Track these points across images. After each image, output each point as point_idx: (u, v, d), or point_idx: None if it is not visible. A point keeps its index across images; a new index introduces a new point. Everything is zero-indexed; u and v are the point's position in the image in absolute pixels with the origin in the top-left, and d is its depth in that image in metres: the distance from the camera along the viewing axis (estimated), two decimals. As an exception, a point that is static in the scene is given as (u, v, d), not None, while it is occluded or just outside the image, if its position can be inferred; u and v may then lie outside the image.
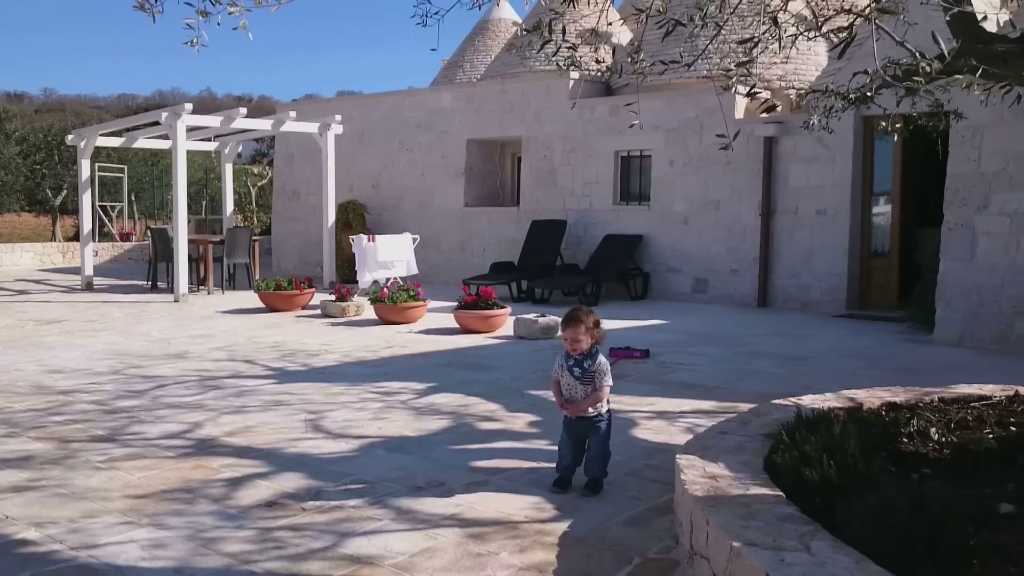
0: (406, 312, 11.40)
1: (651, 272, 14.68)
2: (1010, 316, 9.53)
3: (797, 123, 13.19)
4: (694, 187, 14.25)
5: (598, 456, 4.86)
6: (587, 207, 15.47)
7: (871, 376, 8.06)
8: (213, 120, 14.86)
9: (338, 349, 9.66)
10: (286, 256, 19.92)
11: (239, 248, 15.43)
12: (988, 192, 9.69)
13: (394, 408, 6.87)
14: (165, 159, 29.21)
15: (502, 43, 21.37)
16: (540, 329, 10.20)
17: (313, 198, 18.75)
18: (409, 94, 18.50)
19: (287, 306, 12.75)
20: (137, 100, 70.25)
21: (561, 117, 15.74)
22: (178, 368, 8.54)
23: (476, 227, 16.94)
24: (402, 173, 17.97)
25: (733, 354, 9.38)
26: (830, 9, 6.94)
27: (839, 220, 12.89)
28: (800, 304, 13.19)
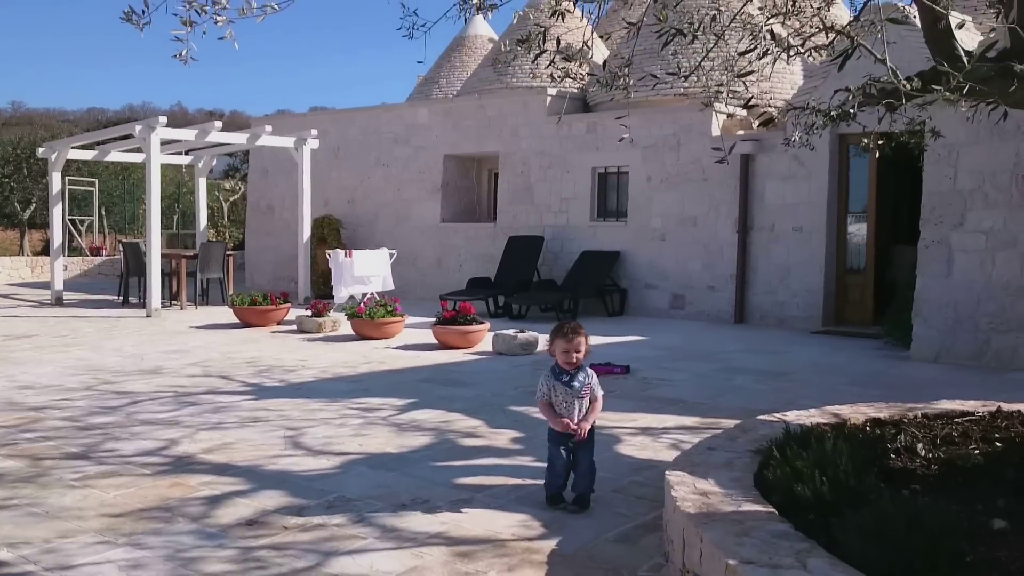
0: (384, 328, 11.30)
1: (628, 288, 14.68)
2: (986, 332, 9.60)
3: (774, 140, 13.29)
4: (671, 203, 14.29)
5: (588, 471, 4.81)
6: (564, 223, 15.46)
7: (851, 392, 8.07)
8: (188, 133, 14.71)
9: (315, 365, 9.55)
10: (260, 271, 19.74)
11: (213, 263, 15.27)
12: (964, 210, 9.77)
13: (375, 424, 6.78)
14: (136, 172, 28.90)
15: (478, 59, 21.37)
16: (519, 345, 10.14)
17: (288, 213, 18.62)
18: (385, 109, 18.44)
19: (262, 321, 12.61)
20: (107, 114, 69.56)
21: (538, 133, 15.74)
22: (152, 384, 8.40)
23: (453, 243, 16.88)
24: (378, 188, 17.88)
25: (713, 370, 9.37)
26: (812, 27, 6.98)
27: (815, 237, 12.96)
28: (777, 320, 13.23)
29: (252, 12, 4.23)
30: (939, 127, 7.11)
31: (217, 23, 4.09)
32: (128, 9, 3.89)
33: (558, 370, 4.81)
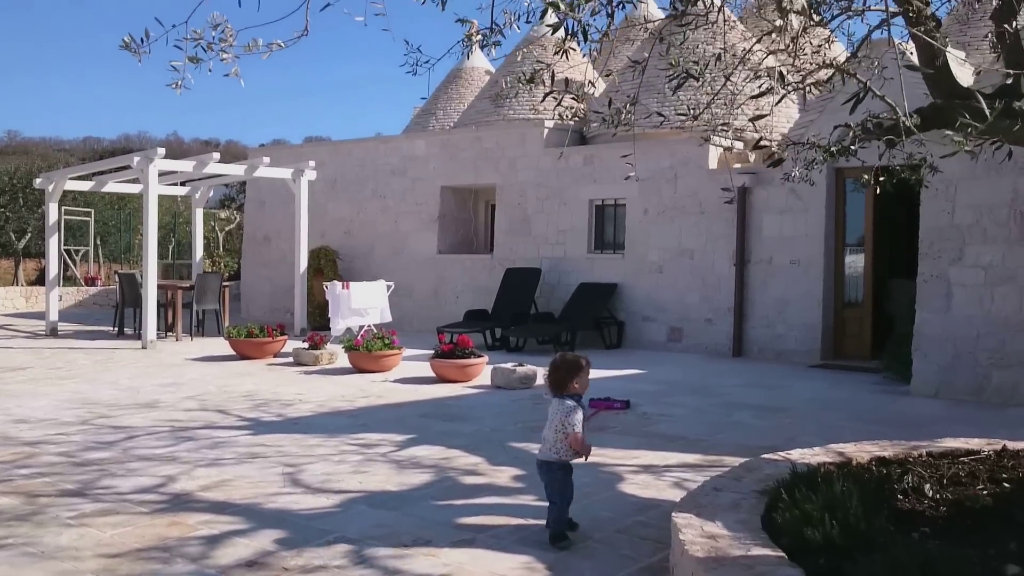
0: (381, 360, 11.24)
1: (626, 321, 14.65)
2: (986, 368, 9.57)
3: (771, 174, 13.30)
4: (668, 236, 14.30)
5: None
6: (561, 255, 15.46)
7: (853, 428, 8.02)
8: (186, 165, 14.71)
9: (313, 399, 9.48)
10: (255, 302, 19.67)
11: (209, 294, 15.22)
12: (962, 244, 9.78)
13: (374, 461, 6.71)
14: (132, 202, 28.84)
15: (475, 91, 21.47)
16: (518, 379, 10.09)
17: (284, 244, 18.58)
18: (383, 140, 18.48)
19: (258, 354, 12.54)
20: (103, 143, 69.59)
21: (536, 165, 15.78)
22: (149, 418, 8.32)
23: (449, 274, 16.86)
24: (375, 219, 17.88)
25: (712, 405, 9.32)
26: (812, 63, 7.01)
27: (813, 270, 12.97)
28: (775, 354, 13.20)
29: (258, 49, 4.23)
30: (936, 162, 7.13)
31: (223, 60, 4.09)
32: (128, 37, 3.88)
33: (579, 400, 4.92)
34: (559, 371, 4.94)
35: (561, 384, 4.90)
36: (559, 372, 4.94)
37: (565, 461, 4.86)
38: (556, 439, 4.84)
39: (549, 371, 5.01)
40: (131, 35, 3.81)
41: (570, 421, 4.80)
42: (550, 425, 4.89)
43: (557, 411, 4.86)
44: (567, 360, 4.99)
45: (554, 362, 5.03)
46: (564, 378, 4.90)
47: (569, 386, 4.88)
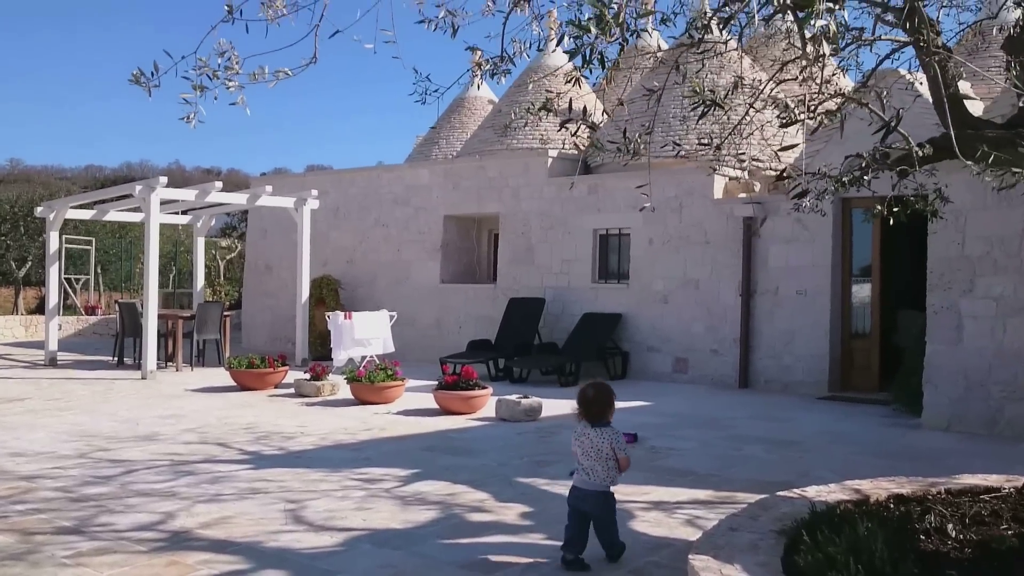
0: (384, 392, 11.09)
1: (630, 351, 14.51)
2: (998, 401, 9.43)
3: (776, 203, 13.24)
4: (673, 266, 14.19)
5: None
6: (565, 285, 15.35)
7: (865, 463, 7.88)
8: (188, 194, 14.65)
9: (315, 431, 9.33)
10: (256, 332, 19.54)
11: (210, 324, 15.09)
12: (973, 276, 9.67)
13: (378, 497, 6.56)
14: (134, 231, 28.78)
15: (478, 120, 21.45)
16: (523, 411, 9.94)
17: (286, 273, 18.47)
18: (386, 169, 18.44)
19: (260, 385, 12.39)
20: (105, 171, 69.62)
21: (539, 194, 15.71)
22: (148, 451, 8.17)
23: (452, 304, 16.74)
24: (377, 248, 17.80)
25: (720, 438, 9.16)
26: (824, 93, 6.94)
27: (820, 301, 12.84)
28: (782, 385, 13.04)
29: (264, 77, 4.14)
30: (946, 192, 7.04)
31: (229, 88, 4.00)
32: (137, 71, 3.79)
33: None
34: (598, 402, 5.07)
35: (601, 414, 5.05)
36: (598, 402, 5.07)
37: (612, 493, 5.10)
38: (607, 467, 4.98)
39: (584, 402, 5.08)
40: (140, 69, 3.72)
41: (621, 446, 5.00)
42: (596, 455, 4.96)
43: (603, 439, 4.98)
44: (603, 390, 5.13)
45: (587, 394, 5.10)
46: (604, 408, 5.08)
47: (609, 415, 5.08)
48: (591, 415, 5.05)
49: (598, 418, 5.04)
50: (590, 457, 4.99)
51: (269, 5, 4.18)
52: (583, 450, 5.02)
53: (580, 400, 5.11)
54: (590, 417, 5.05)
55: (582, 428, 5.07)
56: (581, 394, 5.13)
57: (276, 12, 4.20)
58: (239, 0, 3.96)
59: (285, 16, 4.24)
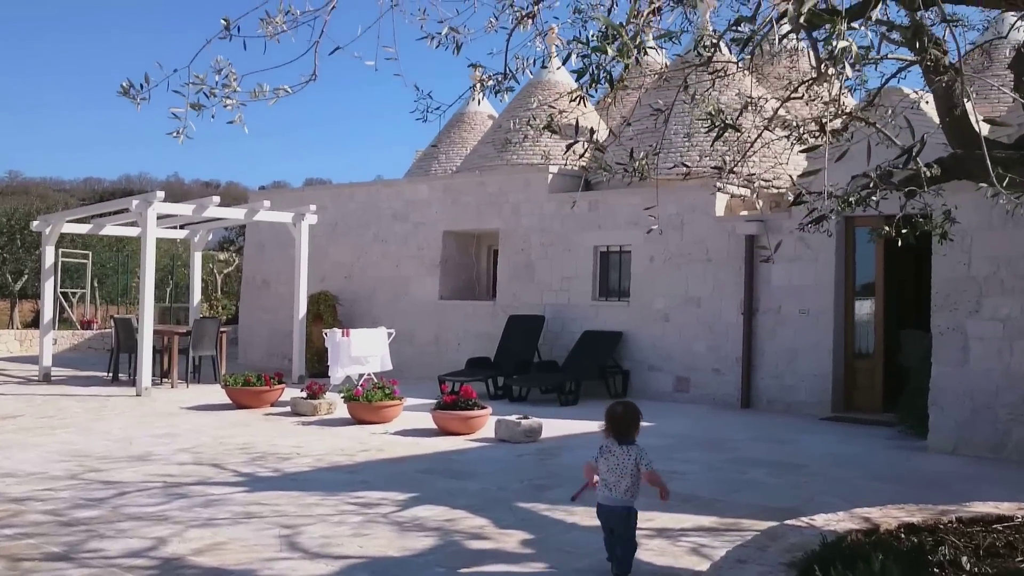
0: (381, 412, 10.94)
1: (631, 370, 14.36)
2: (1006, 423, 9.29)
3: (779, 222, 13.13)
4: (675, 284, 14.06)
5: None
6: (565, 302, 15.22)
7: (872, 488, 7.74)
8: (185, 208, 14.52)
9: (311, 452, 9.17)
10: (253, 347, 19.38)
11: (206, 340, 14.93)
12: (979, 296, 9.55)
13: (375, 522, 6.41)
14: (131, 244, 28.63)
15: (478, 135, 21.37)
16: (523, 432, 9.78)
17: (283, 288, 18.34)
18: (385, 184, 18.34)
19: (256, 403, 12.22)
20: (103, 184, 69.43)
21: (539, 211, 15.60)
22: (141, 472, 8.02)
23: (451, 321, 16.60)
24: (376, 264, 17.67)
25: (724, 461, 9.01)
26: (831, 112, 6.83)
27: (823, 320, 12.71)
28: (784, 405, 12.90)
29: (264, 95, 4.02)
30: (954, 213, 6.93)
31: (227, 107, 3.88)
32: (126, 83, 3.67)
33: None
34: (626, 420, 5.28)
35: (628, 432, 5.26)
36: (627, 421, 5.28)
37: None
38: (631, 483, 5.16)
39: (613, 420, 5.28)
40: (129, 80, 3.60)
41: (645, 461, 5.19)
42: (620, 471, 5.15)
43: (629, 456, 5.17)
44: (632, 409, 5.35)
45: (616, 411, 5.32)
46: (631, 426, 5.28)
47: (635, 433, 5.29)
48: (619, 432, 5.24)
49: (625, 436, 5.24)
50: (614, 473, 5.17)
51: (268, 21, 4.06)
52: (608, 466, 5.20)
53: (609, 417, 5.30)
54: (618, 434, 5.24)
55: (609, 444, 5.24)
56: (610, 411, 5.33)
57: (276, 28, 4.08)
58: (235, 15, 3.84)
59: (285, 32, 4.12)
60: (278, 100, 4.07)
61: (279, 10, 4.15)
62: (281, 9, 4.14)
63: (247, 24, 4.06)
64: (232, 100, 3.83)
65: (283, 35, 4.06)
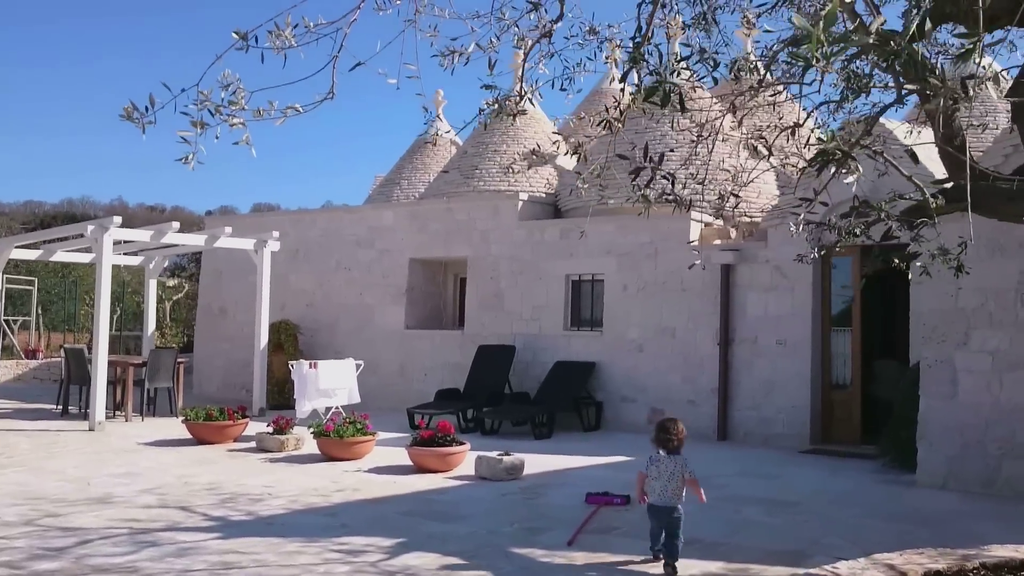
0: (353, 448, 10.47)
1: (604, 401, 14.06)
2: (997, 458, 9.13)
3: (754, 251, 12.99)
4: (649, 313, 13.82)
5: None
6: (536, 332, 14.88)
7: (873, 527, 7.50)
8: (143, 234, 13.96)
9: (283, 492, 8.68)
10: (209, 378, 18.72)
11: (163, 371, 14.31)
12: (967, 328, 9.41)
13: (364, 573, 5.99)
14: (77, 270, 27.74)
15: (441, 161, 21.02)
16: (504, 469, 9.40)
17: (242, 316, 17.77)
18: (349, 211, 17.90)
19: (218, 438, 11.66)
20: (44, 208, 67.49)
21: (509, 238, 15.29)
22: (103, 517, 7.48)
23: (417, 351, 16.16)
24: (339, 292, 17.19)
25: (715, 499, 8.65)
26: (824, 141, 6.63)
27: (800, 350, 12.55)
28: (762, 438, 12.67)
29: (271, 114, 3.65)
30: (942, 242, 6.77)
31: (232, 126, 3.50)
32: (129, 106, 3.28)
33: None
34: (678, 434, 6.35)
35: (679, 445, 6.33)
36: (679, 434, 6.35)
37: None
38: (676, 488, 6.25)
39: (667, 434, 6.33)
40: (132, 102, 3.21)
41: (688, 469, 6.31)
42: (669, 478, 6.23)
43: (676, 465, 6.26)
44: (678, 424, 6.40)
45: (668, 427, 6.36)
46: (682, 441, 6.33)
47: (682, 447, 6.35)
48: (671, 446, 6.30)
49: (676, 448, 6.30)
50: (663, 479, 6.24)
51: (277, 34, 3.70)
52: (658, 473, 6.26)
53: (663, 431, 6.36)
54: (671, 446, 6.30)
55: (658, 455, 6.30)
56: (663, 427, 6.40)
57: (284, 42, 3.72)
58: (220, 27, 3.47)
59: (293, 48, 3.76)
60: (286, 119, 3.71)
61: (287, 23, 3.79)
62: (289, 23, 3.78)
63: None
64: (239, 119, 3.46)
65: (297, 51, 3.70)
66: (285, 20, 3.77)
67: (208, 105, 3.40)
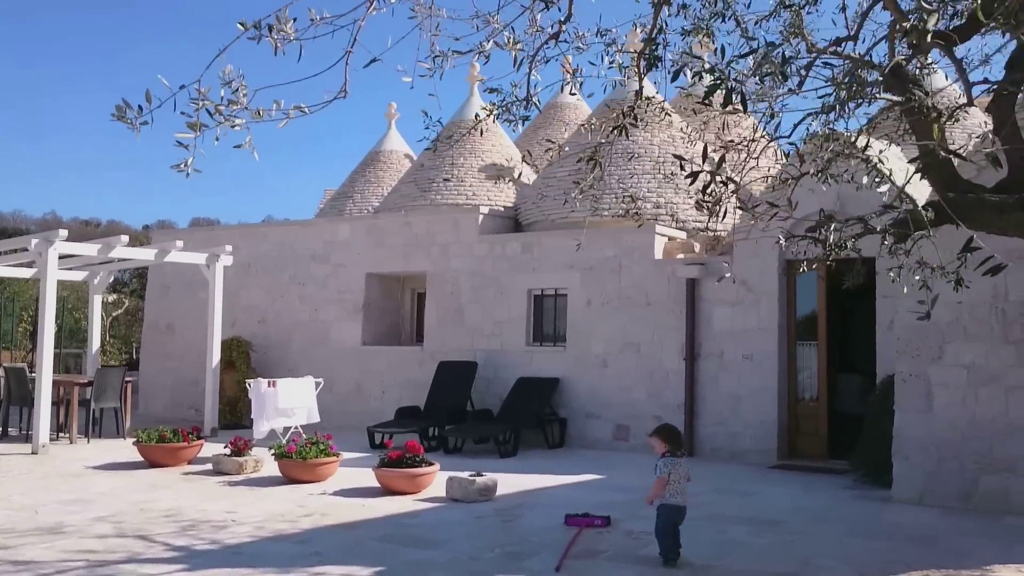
0: (317, 470, 10.07)
1: (568, 418, 13.81)
2: (973, 473, 9.07)
3: (719, 265, 12.88)
4: (613, 328, 13.62)
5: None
6: (498, 347, 14.59)
7: (862, 546, 7.36)
8: (90, 248, 13.38)
9: (248, 519, 8.26)
10: (156, 397, 18.06)
11: (110, 391, 13.70)
12: (942, 343, 9.36)
13: (347, 606, 5.63)
14: (13, 286, 26.77)
15: (395, 174, 20.71)
16: (477, 491, 9.08)
17: (190, 333, 17.21)
18: (303, 225, 17.43)
19: (172, 461, 11.15)
20: (-30, 222, 65.24)
21: (470, 252, 15.00)
22: (55, 549, 7.01)
23: (374, 367, 15.75)
24: (293, 308, 16.71)
25: (696, 518, 8.35)
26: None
27: (767, 365, 12.44)
28: (729, 454, 12.53)
29: (271, 115, 3.34)
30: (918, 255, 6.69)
31: (233, 127, 3.18)
32: (122, 103, 2.95)
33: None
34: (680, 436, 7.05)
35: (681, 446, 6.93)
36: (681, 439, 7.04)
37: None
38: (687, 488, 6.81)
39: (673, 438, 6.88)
40: (125, 101, 2.88)
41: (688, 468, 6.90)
42: (685, 478, 6.79)
43: (686, 466, 6.83)
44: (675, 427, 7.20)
45: (673, 432, 6.97)
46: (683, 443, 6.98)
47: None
48: (677, 446, 6.82)
49: (680, 450, 6.83)
50: (682, 480, 6.72)
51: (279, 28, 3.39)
52: (678, 476, 6.69)
53: (668, 436, 6.88)
54: (676, 449, 6.80)
55: (672, 459, 6.74)
56: (667, 431, 6.97)
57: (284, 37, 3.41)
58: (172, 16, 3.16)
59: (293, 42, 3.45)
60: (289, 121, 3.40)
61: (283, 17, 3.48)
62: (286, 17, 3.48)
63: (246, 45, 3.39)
64: (241, 120, 3.15)
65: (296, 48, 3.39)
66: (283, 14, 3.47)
67: (206, 103, 3.08)
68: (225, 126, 3.10)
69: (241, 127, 3.14)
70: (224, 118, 3.10)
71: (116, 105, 2.88)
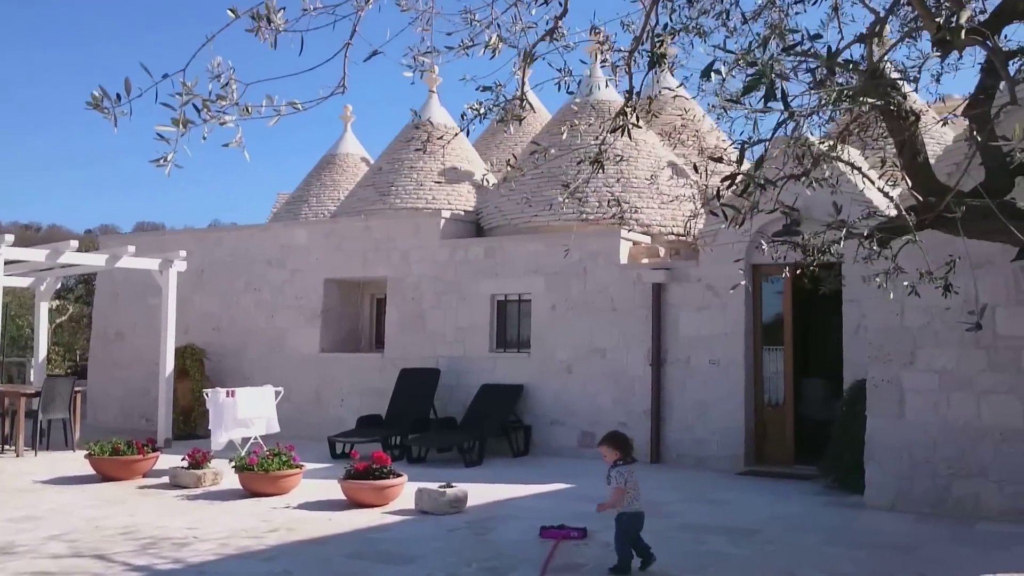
0: (280, 482, 9.74)
1: (532, 425, 13.61)
2: (946, 478, 9.05)
3: (686, 269, 12.80)
4: (578, 334, 13.46)
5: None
6: (460, 354, 14.35)
7: (844, 556, 7.27)
8: (38, 254, 12.88)
9: (210, 535, 7.93)
10: (105, 407, 17.50)
11: (58, 400, 13.20)
12: (914, 348, 9.34)
13: (323, 630, 5.36)
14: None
15: (351, 178, 20.36)
16: (448, 503, 8.83)
17: (140, 341, 16.72)
18: (259, 229, 17.02)
19: (126, 474, 10.72)
20: (-96, 228, 63.00)
21: (431, 257, 14.74)
22: (8, 571, 6.64)
23: (333, 375, 15.41)
24: (248, 314, 16.30)
25: (671, 528, 8.33)
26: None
27: (733, 371, 12.37)
28: (695, 460, 12.44)
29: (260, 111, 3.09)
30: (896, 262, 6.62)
31: (222, 124, 2.93)
32: (98, 91, 2.68)
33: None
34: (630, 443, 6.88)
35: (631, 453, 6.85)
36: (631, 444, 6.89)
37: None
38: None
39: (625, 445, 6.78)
40: (102, 88, 2.61)
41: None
42: (637, 483, 6.73)
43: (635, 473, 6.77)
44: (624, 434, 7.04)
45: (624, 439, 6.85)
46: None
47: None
48: (627, 454, 6.77)
49: (631, 456, 6.80)
50: (637, 486, 6.70)
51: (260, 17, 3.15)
52: (633, 483, 6.66)
53: (620, 443, 6.77)
54: (627, 456, 6.76)
55: (625, 466, 6.68)
56: (618, 439, 6.84)
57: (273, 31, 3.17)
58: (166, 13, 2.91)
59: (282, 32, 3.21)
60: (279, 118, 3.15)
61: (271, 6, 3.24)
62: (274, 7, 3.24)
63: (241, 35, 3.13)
64: (231, 116, 2.90)
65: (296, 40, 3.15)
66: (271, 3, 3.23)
67: (192, 97, 2.83)
68: (212, 123, 2.85)
69: (230, 124, 2.90)
70: (212, 114, 2.85)
71: (92, 93, 2.63)
